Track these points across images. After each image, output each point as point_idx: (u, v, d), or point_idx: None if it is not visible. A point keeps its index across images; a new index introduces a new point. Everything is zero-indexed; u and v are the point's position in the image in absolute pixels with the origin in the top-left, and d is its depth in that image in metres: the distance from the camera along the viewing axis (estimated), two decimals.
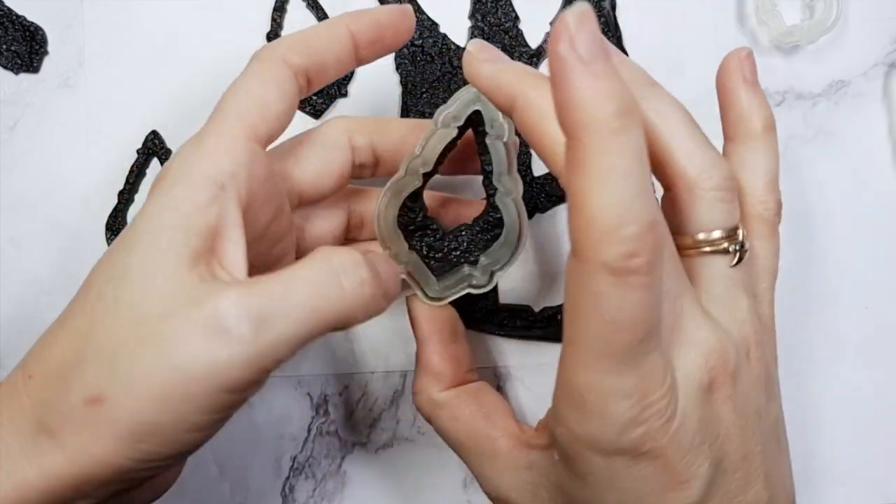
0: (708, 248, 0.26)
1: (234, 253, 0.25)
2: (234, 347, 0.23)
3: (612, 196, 0.21)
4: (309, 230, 0.32)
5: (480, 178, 0.31)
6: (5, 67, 0.37)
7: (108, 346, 0.24)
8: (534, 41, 0.38)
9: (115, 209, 0.37)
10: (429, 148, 0.30)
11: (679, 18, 0.38)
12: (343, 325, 0.25)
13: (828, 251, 0.38)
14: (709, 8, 0.38)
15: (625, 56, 0.28)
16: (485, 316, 0.36)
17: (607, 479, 0.24)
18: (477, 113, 0.30)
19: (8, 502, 0.24)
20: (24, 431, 0.24)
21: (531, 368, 0.37)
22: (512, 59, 0.37)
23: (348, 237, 0.33)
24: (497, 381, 0.37)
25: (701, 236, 0.26)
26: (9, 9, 0.37)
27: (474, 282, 0.31)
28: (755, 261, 0.28)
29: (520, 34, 0.38)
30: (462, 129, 0.30)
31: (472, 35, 0.38)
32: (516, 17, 0.38)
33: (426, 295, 0.31)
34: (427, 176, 0.31)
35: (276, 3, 0.37)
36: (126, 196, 0.37)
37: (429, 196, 0.33)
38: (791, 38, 0.37)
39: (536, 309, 0.37)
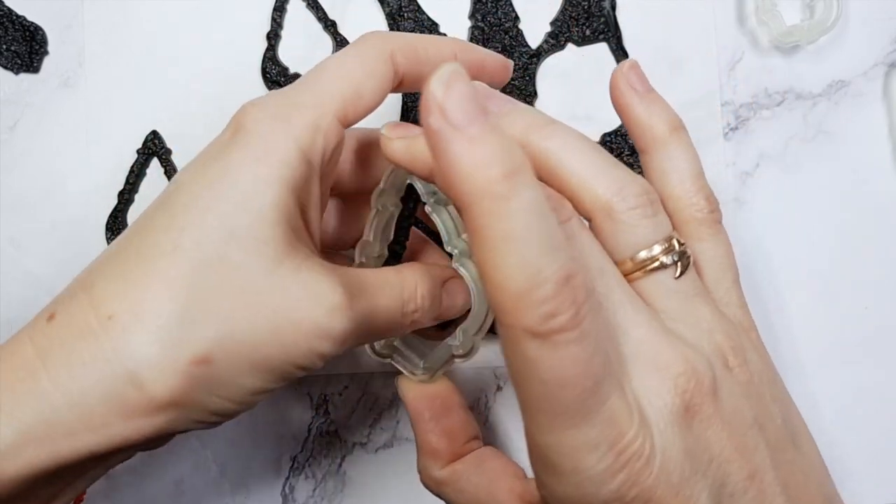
0: (650, 266, 0.26)
1: (315, 231, 0.27)
2: (328, 346, 0.25)
3: (515, 261, 0.20)
4: (340, 226, 0.32)
5: None
6: (5, 67, 0.37)
7: (215, 307, 0.24)
8: (534, 41, 0.38)
9: (115, 209, 0.37)
10: (376, 231, 0.30)
11: (679, 18, 0.38)
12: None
13: (828, 251, 0.38)
14: (709, 8, 0.38)
15: (516, 104, 0.28)
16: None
17: None
18: (411, 186, 0.30)
19: (88, 450, 0.24)
20: (105, 378, 0.24)
21: None
22: (512, 58, 0.37)
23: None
24: (497, 381, 0.37)
25: (638, 256, 0.26)
26: (9, 9, 0.37)
27: (457, 351, 0.30)
28: (706, 264, 0.28)
29: (520, 34, 0.38)
30: (406, 201, 0.30)
31: (473, 34, 0.38)
32: (516, 17, 0.38)
33: (412, 374, 0.31)
34: (379, 258, 0.31)
35: (275, 2, 0.37)
36: (126, 196, 0.37)
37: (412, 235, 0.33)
38: (791, 38, 0.37)
39: None
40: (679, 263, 0.26)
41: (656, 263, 0.25)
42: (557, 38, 0.38)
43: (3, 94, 0.37)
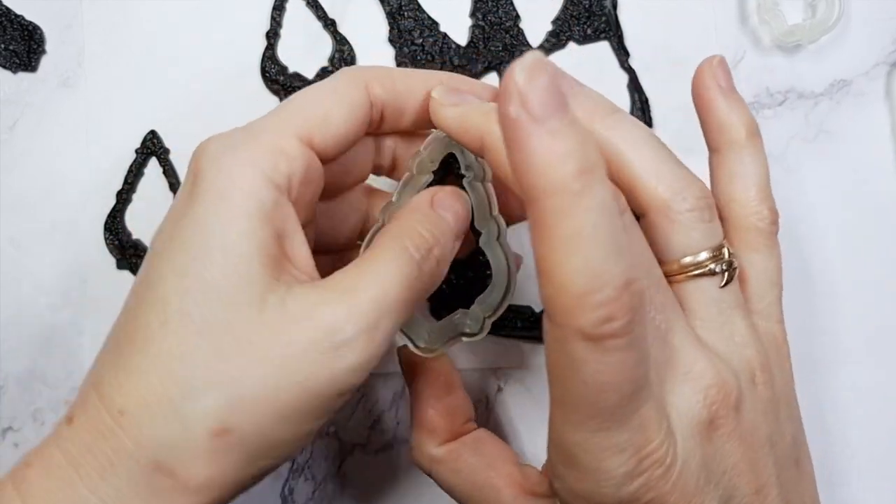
0: (694, 272, 0.25)
1: (303, 253, 0.25)
2: (351, 357, 0.24)
3: (579, 261, 0.20)
4: (326, 227, 0.31)
5: None
6: (3, 66, 0.37)
7: (217, 372, 0.23)
8: (535, 40, 0.38)
9: (114, 209, 0.37)
10: (405, 195, 0.29)
11: (681, 18, 0.38)
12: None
13: (829, 251, 0.38)
14: (710, 7, 0.38)
15: (583, 87, 0.27)
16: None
17: None
18: (452, 156, 0.29)
19: None
20: (134, 474, 0.23)
21: (532, 369, 0.37)
22: (512, 58, 0.37)
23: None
24: (497, 381, 0.37)
25: (685, 260, 0.25)
26: (7, 8, 0.37)
27: (467, 329, 0.30)
28: (755, 275, 0.27)
29: (521, 33, 0.38)
30: (438, 174, 0.29)
31: (474, 33, 0.37)
32: (517, 16, 0.38)
33: (417, 346, 0.30)
34: None
35: (275, 1, 0.37)
36: (124, 196, 0.37)
37: None
38: (793, 37, 0.37)
39: (537, 309, 0.37)
40: (726, 273, 0.25)
41: (704, 269, 0.25)
42: (558, 36, 0.38)
43: (2, 94, 0.37)
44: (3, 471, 0.36)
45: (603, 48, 0.38)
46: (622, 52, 0.38)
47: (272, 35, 0.37)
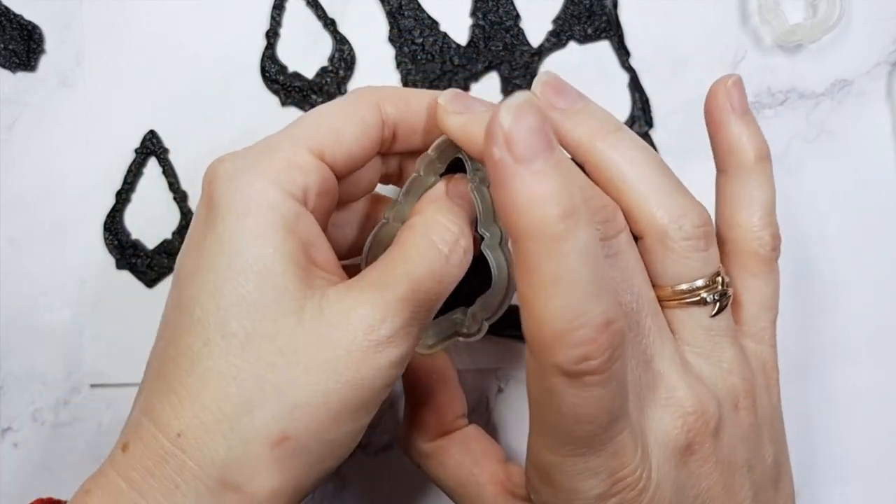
0: (687, 299, 0.26)
1: (329, 258, 0.26)
2: (392, 352, 0.25)
3: (558, 303, 0.20)
4: (332, 234, 0.31)
5: None
6: (2, 66, 0.37)
7: (267, 384, 0.24)
8: (535, 40, 0.38)
9: (113, 209, 0.37)
10: (411, 194, 0.29)
11: (681, 17, 0.38)
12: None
13: (830, 251, 0.38)
14: (711, 7, 0.38)
15: (587, 103, 0.27)
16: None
17: None
18: (458, 160, 0.29)
19: None
20: (201, 493, 0.23)
21: None
22: (513, 58, 0.37)
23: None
24: (498, 382, 0.37)
25: (679, 287, 0.25)
26: (6, 7, 0.37)
27: (464, 329, 0.30)
28: (751, 299, 0.27)
29: (521, 33, 0.37)
30: (444, 177, 0.29)
31: (473, 33, 0.37)
32: (517, 16, 0.38)
33: None
34: None
35: (275, 1, 0.37)
36: (124, 196, 0.37)
37: None
38: (794, 37, 0.37)
39: None
40: (717, 303, 0.26)
41: (696, 298, 0.25)
42: (559, 36, 0.38)
43: (1, 93, 0.37)
44: (2, 471, 0.36)
45: (603, 48, 0.38)
46: (623, 52, 0.37)
47: (272, 35, 0.37)
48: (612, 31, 0.37)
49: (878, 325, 0.38)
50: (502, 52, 0.37)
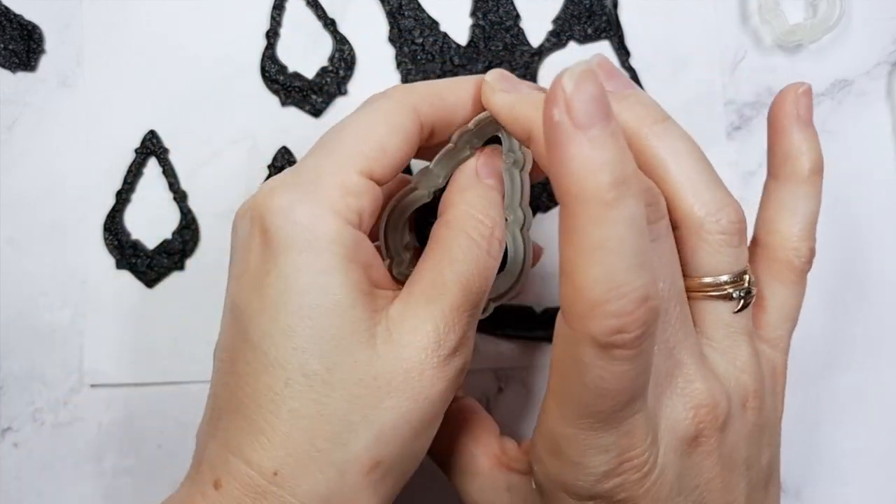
0: (712, 293, 0.26)
1: (383, 274, 0.27)
2: (458, 361, 0.26)
3: (600, 270, 0.20)
4: None
5: None
6: (2, 66, 0.37)
7: (353, 415, 0.24)
8: (535, 40, 0.38)
9: (113, 209, 0.37)
10: (443, 164, 0.29)
11: (681, 17, 0.38)
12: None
13: (830, 250, 0.38)
14: (711, 7, 0.38)
15: (635, 91, 0.28)
16: (486, 317, 0.36)
17: None
18: (496, 138, 0.29)
19: None
20: None
21: (532, 369, 0.37)
22: (513, 57, 0.37)
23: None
24: (498, 382, 0.37)
25: (706, 280, 0.26)
26: (6, 7, 0.37)
27: None
28: (774, 306, 0.28)
29: (521, 33, 0.37)
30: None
31: (473, 33, 0.37)
32: (517, 16, 0.38)
33: None
34: (438, 193, 0.29)
35: (275, 1, 0.37)
36: (123, 196, 0.37)
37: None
38: (794, 37, 0.37)
39: (538, 310, 0.37)
40: (742, 300, 0.26)
41: (722, 292, 0.26)
42: (559, 36, 0.38)
43: (1, 93, 0.37)
44: (2, 471, 0.36)
45: (604, 48, 0.38)
46: (623, 52, 0.37)
47: (272, 34, 0.37)
48: (612, 31, 0.37)
49: (879, 326, 0.38)
50: (502, 52, 0.37)
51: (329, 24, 0.37)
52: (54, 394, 0.36)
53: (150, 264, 0.37)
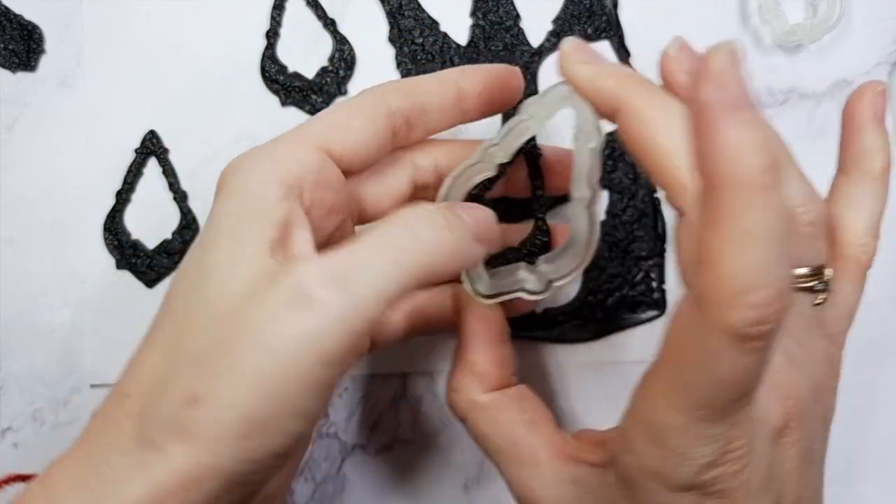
0: (798, 284, 0.25)
1: (305, 242, 0.25)
2: (321, 315, 0.22)
3: (747, 259, 0.19)
4: (368, 195, 0.30)
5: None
6: (2, 66, 0.37)
7: (197, 345, 0.23)
8: (535, 40, 0.38)
9: (113, 209, 0.37)
10: (511, 137, 0.28)
11: (681, 17, 0.38)
12: (433, 274, 0.25)
13: None
14: (711, 7, 0.38)
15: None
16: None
17: None
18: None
19: None
20: (128, 450, 0.23)
21: (533, 369, 0.37)
22: (513, 57, 0.37)
23: (418, 197, 0.31)
24: None
25: (793, 270, 0.25)
26: (6, 7, 0.37)
27: (528, 286, 0.29)
28: (840, 302, 0.27)
29: (521, 33, 0.37)
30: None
31: (474, 33, 0.37)
32: (517, 16, 0.38)
33: (476, 291, 0.29)
34: (503, 167, 0.29)
35: (275, 1, 0.37)
36: (123, 196, 0.37)
37: None
38: (794, 36, 0.37)
39: (539, 310, 0.37)
40: (822, 293, 0.26)
41: (806, 284, 0.25)
42: (559, 36, 0.38)
43: (1, 93, 0.37)
44: (2, 471, 0.36)
45: (604, 48, 0.38)
46: (623, 52, 0.37)
47: (272, 34, 0.37)
48: (612, 31, 0.37)
49: (880, 327, 0.38)
50: (502, 52, 0.37)
51: (329, 24, 0.37)
52: (54, 394, 0.36)
53: (150, 264, 0.37)
